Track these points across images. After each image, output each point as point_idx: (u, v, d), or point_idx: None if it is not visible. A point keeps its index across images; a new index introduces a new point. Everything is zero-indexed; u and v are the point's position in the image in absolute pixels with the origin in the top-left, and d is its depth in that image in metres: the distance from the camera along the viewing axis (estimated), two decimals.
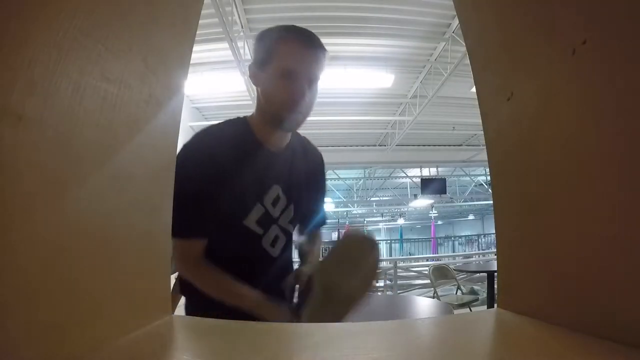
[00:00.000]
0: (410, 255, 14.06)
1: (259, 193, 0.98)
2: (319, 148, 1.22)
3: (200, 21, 0.63)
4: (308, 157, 1.13)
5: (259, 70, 0.96)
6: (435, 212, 15.66)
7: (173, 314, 0.50)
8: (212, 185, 0.90)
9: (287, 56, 0.92)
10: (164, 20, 0.49)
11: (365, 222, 17.33)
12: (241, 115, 1.05)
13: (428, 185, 10.04)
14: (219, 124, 1.02)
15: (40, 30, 0.30)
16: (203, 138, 0.96)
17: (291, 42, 0.92)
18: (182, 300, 1.04)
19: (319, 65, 0.94)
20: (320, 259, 0.97)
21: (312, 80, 0.94)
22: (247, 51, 4.95)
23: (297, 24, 0.97)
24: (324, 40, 0.97)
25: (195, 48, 0.60)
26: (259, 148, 0.99)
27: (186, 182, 0.73)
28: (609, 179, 0.34)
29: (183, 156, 0.77)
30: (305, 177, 1.09)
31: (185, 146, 0.91)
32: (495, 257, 0.61)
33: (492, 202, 0.57)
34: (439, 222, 20.58)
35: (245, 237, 0.98)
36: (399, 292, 5.87)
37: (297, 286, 1.02)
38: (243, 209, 0.96)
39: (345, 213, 14.96)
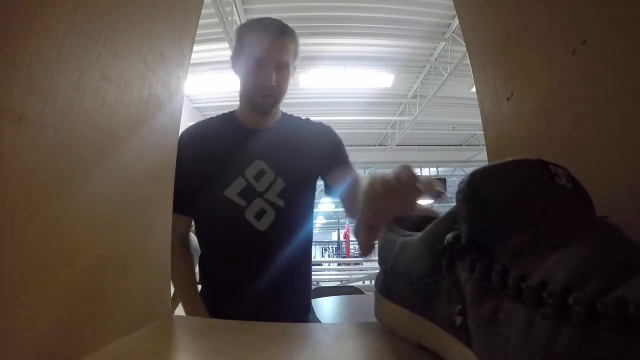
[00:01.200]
0: None
1: (239, 167, 1.04)
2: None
3: (200, 21, 0.63)
4: (304, 133, 1.15)
5: (236, 60, 1.09)
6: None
7: (173, 314, 0.50)
8: (194, 164, 1.00)
9: (255, 45, 1.03)
10: (164, 20, 0.49)
11: None
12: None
13: None
14: (211, 117, 1.17)
15: (40, 30, 0.30)
16: (191, 126, 1.12)
17: (258, 33, 1.04)
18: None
19: (285, 52, 1.04)
20: None
21: (279, 66, 1.04)
22: None
23: (297, 24, 1.03)
24: (323, 40, 1.03)
25: (195, 48, 0.60)
26: (240, 128, 1.10)
27: (178, 162, 0.87)
28: (609, 179, 0.34)
29: (180, 140, 0.88)
30: (302, 150, 1.10)
31: (181, 133, 1.00)
32: None
33: None
34: None
35: (227, 208, 1.03)
36: None
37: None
38: (223, 182, 1.03)
39: (345, 212, 14.90)
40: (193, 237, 1.24)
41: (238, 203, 1.03)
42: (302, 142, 1.12)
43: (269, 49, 1.02)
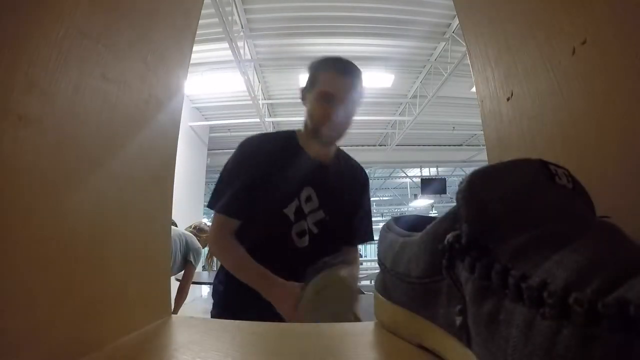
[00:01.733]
0: None
1: (297, 189, 1.16)
2: None
3: (200, 21, 0.63)
4: (350, 174, 1.30)
5: (306, 92, 1.21)
6: (436, 212, 15.67)
7: (176, 314, 0.50)
8: (259, 175, 1.12)
9: (325, 83, 1.14)
10: (164, 20, 0.49)
11: None
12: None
13: (428, 185, 10.04)
14: (272, 132, 1.32)
15: (40, 30, 0.30)
16: (259, 137, 1.23)
17: (329, 71, 1.15)
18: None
19: (352, 89, 1.15)
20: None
21: (346, 103, 1.14)
22: (247, 51, 4.95)
23: (297, 24, 1.09)
24: (323, 40, 1.06)
25: (195, 48, 0.60)
26: (300, 153, 1.20)
27: (238, 167, 1.15)
28: (610, 179, 0.34)
29: (241, 147, 1.19)
30: (343, 190, 1.24)
31: (243, 141, 1.20)
32: None
33: None
34: None
35: (280, 223, 1.15)
36: None
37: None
38: (284, 200, 1.15)
39: None
40: (192, 237, 1.26)
41: (291, 218, 1.15)
42: (348, 186, 1.26)
43: (338, 87, 1.13)
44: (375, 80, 6.17)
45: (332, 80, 1.14)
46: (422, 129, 8.25)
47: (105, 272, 0.38)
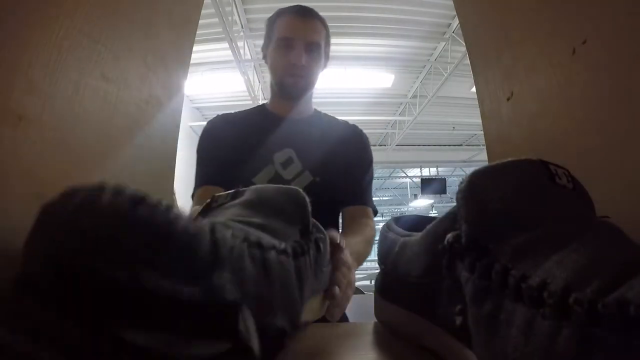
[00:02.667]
0: None
1: (269, 152, 1.02)
2: None
3: (200, 21, 0.63)
4: (339, 129, 1.13)
5: (265, 48, 1.09)
6: (436, 212, 15.66)
7: None
8: (224, 148, 1.02)
9: (283, 28, 1.03)
10: (164, 21, 0.49)
11: None
12: None
13: (428, 185, 10.02)
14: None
15: (40, 31, 0.30)
16: (219, 115, 1.12)
17: (286, 15, 1.04)
18: None
19: (314, 32, 1.04)
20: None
21: (309, 46, 1.02)
22: (247, 51, 4.95)
23: None
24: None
25: (195, 48, 0.60)
26: (270, 115, 1.09)
27: (203, 144, 1.05)
28: (610, 179, 0.34)
29: (205, 127, 1.08)
30: (332, 146, 1.06)
31: (207, 122, 1.10)
32: None
33: None
34: None
35: None
36: None
37: None
38: (253, 168, 1.01)
39: None
40: None
41: None
42: (336, 141, 1.08)
43: (297, 29, 1.02)
44: (375, 80, 6.16)
45: (289, 24, 1.03)
46: (422, 129, 8.25)
47: None
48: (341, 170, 1.05)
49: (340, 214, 1.07)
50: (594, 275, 0.17)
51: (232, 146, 1.02)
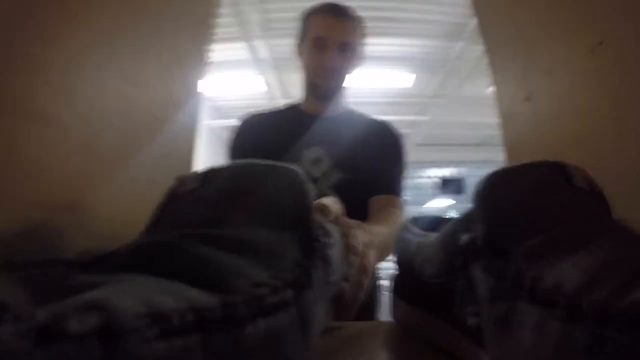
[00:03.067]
0: None
1: (298, 152, 1.01)
2: None
3: (218, 20, 0.64)
4: (364, 128, 1.10)
5: (299, 45, 1.09)
6: (456, 212, 15.44)
7: None
8: (254, 146, 1.03)
9: (316, 27, 1.02)
10: (182, 22, 0.50)
11: None
12: None
13: (447, 185, 9.91)
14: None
15: (64, 37, 0.31)
16: (252, 114, 1.13)
17: (320, 14, 1.03)
18: None
19: (347, 32, 1.02)
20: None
21: (342, 47, 1.01)
22: (264, 50, 4.97)
23: None
24: None
25: (213, 47, 0.61)
26: (301, 114, 1.09)
27: (233, 142, 1.05)
28: (628, 181, 0.34)
29: (237, 125, 1.09)
30: (362, 144, 1.04)
31: (241, 119, 1.11)
32: None
33: None
34: None
35: None
36: None
37: None
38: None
39: None
40: None
41: None
42: (366, 138, 1.05)
43: (330, 29, 1.01)
44: (395, 80, 6.12)
45: (323, 23, 1.01)
46: (443, 128, 8.17)
47: None
48: (371, 166, 1.02)
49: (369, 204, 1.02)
50: (608, 277, 0.16)
51: (262, 145, 1.02)
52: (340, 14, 1.02)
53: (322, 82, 1.04)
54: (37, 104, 0.28)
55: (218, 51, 5.06)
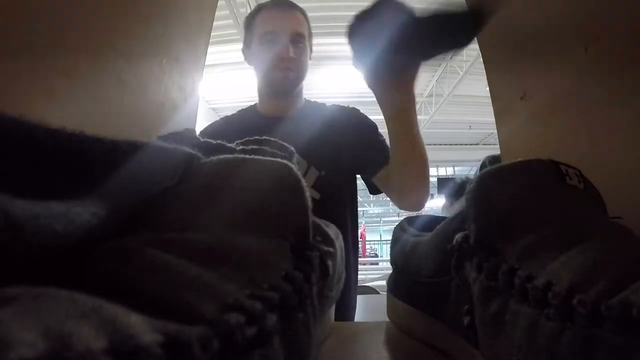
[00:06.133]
0: None
1: None
2: None
3: (215, 22, 0.64)
4: (328, 118, 1.05)
5: (247, 49, 1.04)
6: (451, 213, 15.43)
7: None
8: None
9: (264, 23, 0.99)
10: (178, 23, 0.50)
11: (381, 221, 17.27)
12: None
13: (444, 185, 9.92)
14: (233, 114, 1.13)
15: (58, 38, 0.31)
16: (211, 123, 1.10)
17: (264, 11, 1.00)
18: None
19: (298, 24, 0.99)
20: None
21: (295, 38, 0.98)
22: None
23: (313, 24, 1.00)
24: (338, 39, 1.00)
25: (211, 49, 0.61)
26: (260, 118, 1.04)
27: None
28: (622, 180, 0.34)
29: (202, 130, 1.01)
30: (329, 138, 1.00)
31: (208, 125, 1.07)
32: None
33: None
34: None
35: None
36: None
37: None
38: None
39: (361, 212, 14.92)
40: None
41: None
42: (332, 129, 1.01)
43: (278, 21, 0.98)
44: None
45: (271, 17, 0.98)
46: (439, 128, 8.19)
47: None
48: (351, 153, 1.00)
49: (374, 180, 1.01)
50: (600, 276, 0.17)
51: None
52: (286, 7, 1.00)
53: (279, 75, 0.99)
54: (33, 110, 0.28)
55: (216, 53, 5.06)
